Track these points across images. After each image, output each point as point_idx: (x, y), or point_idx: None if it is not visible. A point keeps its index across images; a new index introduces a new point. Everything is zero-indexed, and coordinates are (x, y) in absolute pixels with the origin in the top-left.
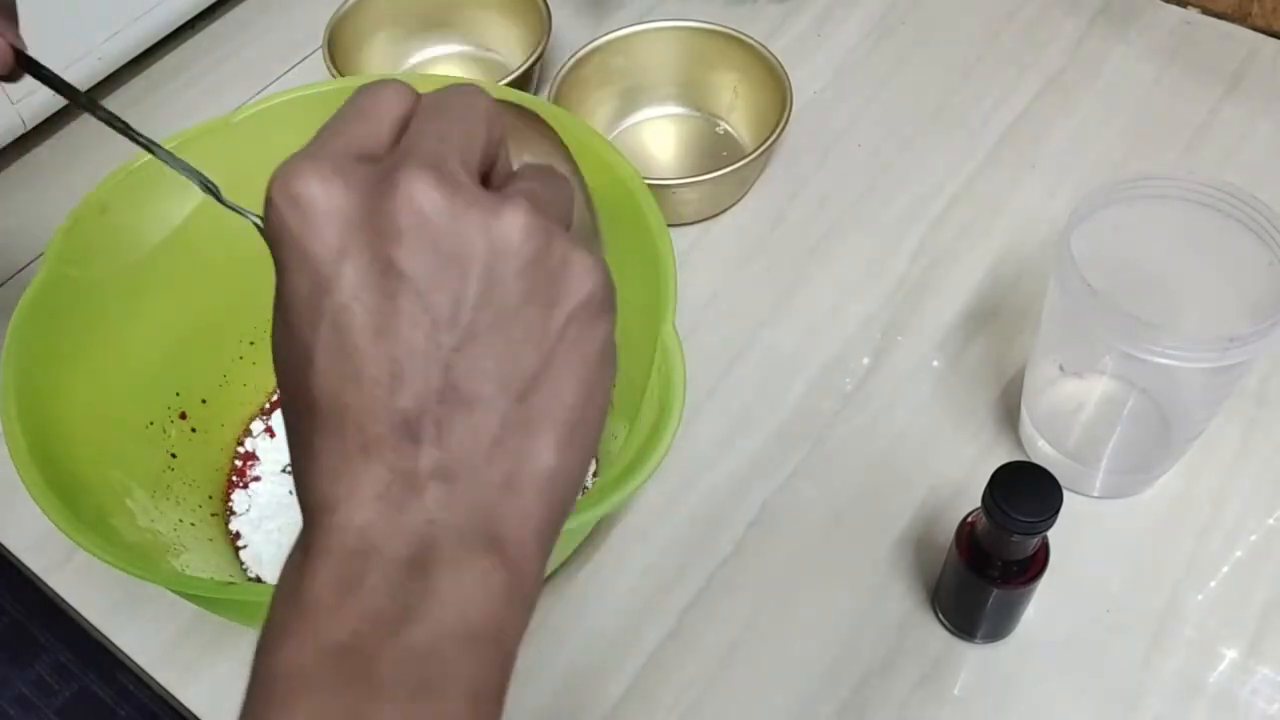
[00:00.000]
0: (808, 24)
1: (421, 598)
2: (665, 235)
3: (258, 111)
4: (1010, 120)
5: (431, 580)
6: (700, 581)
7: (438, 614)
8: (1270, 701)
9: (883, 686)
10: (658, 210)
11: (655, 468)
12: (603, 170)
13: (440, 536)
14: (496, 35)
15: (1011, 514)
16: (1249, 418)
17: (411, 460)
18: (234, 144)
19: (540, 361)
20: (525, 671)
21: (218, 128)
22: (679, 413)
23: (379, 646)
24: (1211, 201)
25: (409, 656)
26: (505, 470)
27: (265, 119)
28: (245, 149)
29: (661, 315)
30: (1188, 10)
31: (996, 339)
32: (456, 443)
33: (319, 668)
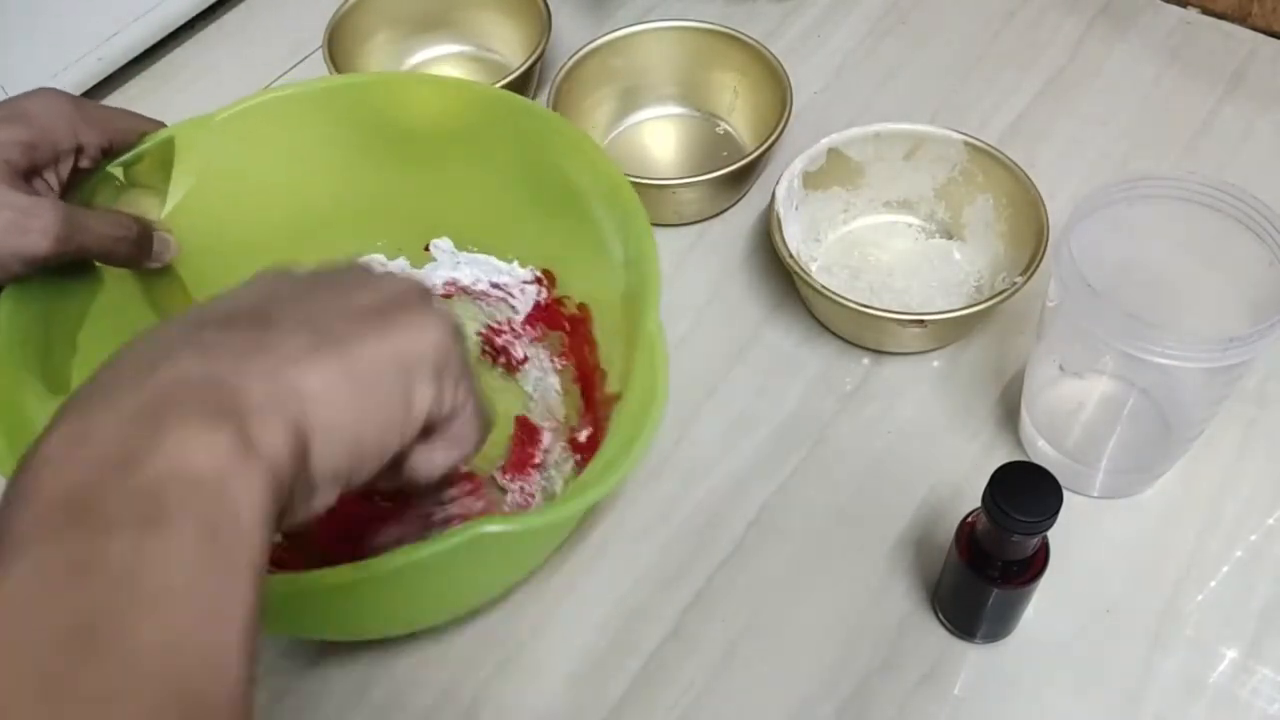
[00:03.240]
0: (808, 24)
1: (149, 443)
2: (648, 231)
3: (239, 111)
4: (1010, 120)
5: (156, 430)
6: (700, 581)
7: (160, 460)
8: (1270, 701)
9: (883, 686)
10: (640, 205)
11: (640, 457)
12: (588, 168)
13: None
14: (496, 35)
15: (1011, 514)
16: (1249, 418)
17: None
18: (214, 143)
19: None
20: (526, 671)
21: (198, 126)
22: (662, 404)
23: (105, 488)
24: (1211, 201)
25: (136, 492)
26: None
27: (247, 119)
28: (225, 149)
29: (645, 308)
30: (1188, 10)
31: (996, 339)
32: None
33: (47, 518)
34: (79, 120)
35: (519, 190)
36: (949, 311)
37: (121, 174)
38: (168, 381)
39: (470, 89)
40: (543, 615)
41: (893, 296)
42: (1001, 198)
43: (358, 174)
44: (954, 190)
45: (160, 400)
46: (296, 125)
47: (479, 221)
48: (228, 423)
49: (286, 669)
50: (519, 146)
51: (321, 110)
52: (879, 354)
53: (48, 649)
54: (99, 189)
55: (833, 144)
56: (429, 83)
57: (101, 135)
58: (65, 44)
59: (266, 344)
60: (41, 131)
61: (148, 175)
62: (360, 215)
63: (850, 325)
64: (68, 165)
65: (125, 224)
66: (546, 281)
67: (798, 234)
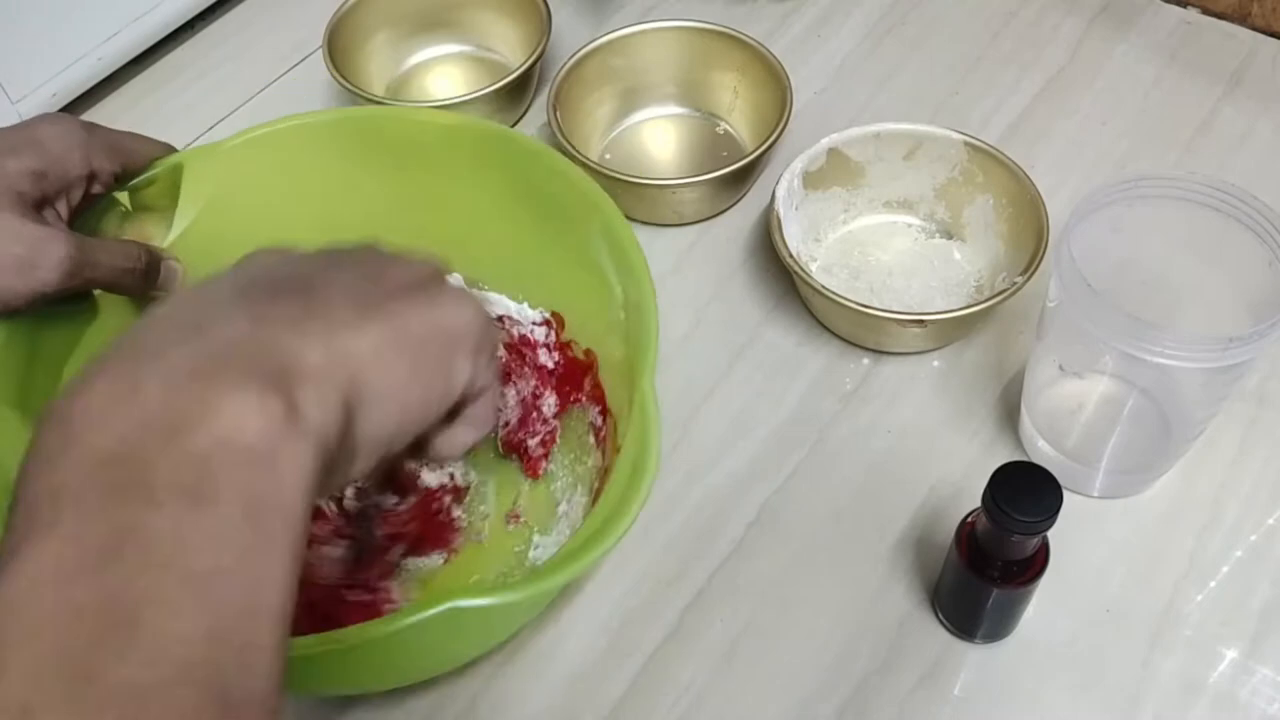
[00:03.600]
0: (808, 24)
1: (201, 408)
2: (650, 286)
3: (247, 140)
4: (1010, 120)
5: (204, 395)
6: (700, 581)
7: (207, 429)
8: (1270, 701)
9: (883, 686)
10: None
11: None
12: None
13: (228, 354)
14: (496, 35)
15: (1011, 514)
16: (1249, 418)
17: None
18: (221, 170)
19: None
20: (526, 671)
21: (206, 153)
22: (650, 477)
23: (152, 454)
24: (1211, 201)
25: (184, 462)
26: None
27: (255, 147)
28: (232, 176)
29: (640, 368)
30: (1188, 10)
31: (996, 339)
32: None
33: (87, 479)
34: (91, 147)
35: (525, 230)
36: (949, 311)
37: (128, 199)
38: (221, 342)
39: (473, 127)
40: (543, 615)
41: (893, 296)
42: (1001, 198)
43: (365, 203)
44: (954, 190)
45: (213, 362)
46: (304, 154)
47: (488, 259)
48: (280, 389)
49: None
50: (521, 185)
51: (329, 140)
52: (879, 354)
53: (79, 635)
54: (105, 214)
55: (833, 144)
56: (434, 119)
57: (113, 162)
58: (65, 44)
59: (316, 311)
60: (53, 160)
61: (154, 200)
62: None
63: (850, 325)
64: (79, 193)
65: (134, 255)
66: (556, 324)
67: (798, 234)
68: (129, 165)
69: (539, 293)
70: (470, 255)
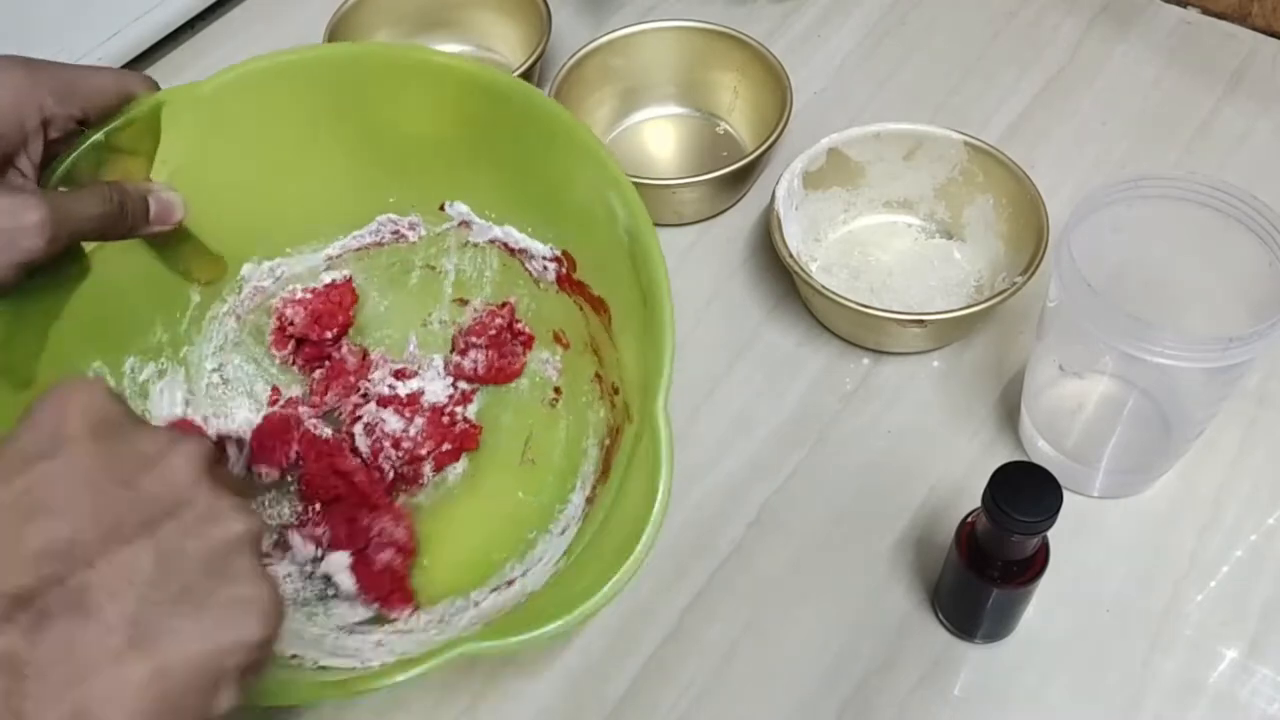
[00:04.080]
0: (808, 24)
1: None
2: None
3: (232, 78)
4: (1010, 120)
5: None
6: (700, 581)
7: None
8: (1270, 701)
9: (883, 686)
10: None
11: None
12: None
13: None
14: (496, 35)
15: (1011, 514)
16: (1249, 418)
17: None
18: (204, 108)
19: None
20: (526, 671)
21: (186, 92)
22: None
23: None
24: (1211, 201)
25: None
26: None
27: (238, 86)
28: (215, 114)
29: (654, 390)
30: (1188, 10)
31: (996, 339)
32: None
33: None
34: (42, 91)
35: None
36: (949, 311)
37: (105, 140)
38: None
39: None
40: None
41: (893, 296)
42: (1001, 198)
43: (358, 138)
44: (954, 190)
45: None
46: (287, 93)
47: (495, 192)
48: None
49: None
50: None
51: (313, 77)
52: (879, 354)
53: None
54: (81, 160)
55: (833, 144)
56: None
57: (73, 104)
58: (65, 44)
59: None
60: (3, 117)
61: (135, 142)
62: (361, 176)
63: (850, 325)
64: (38, 144)
65: (109, 196)
66: (567, 263)
67: (798, 234)
68: (89, 106)
69: (548, 231)
70: (474, 184)
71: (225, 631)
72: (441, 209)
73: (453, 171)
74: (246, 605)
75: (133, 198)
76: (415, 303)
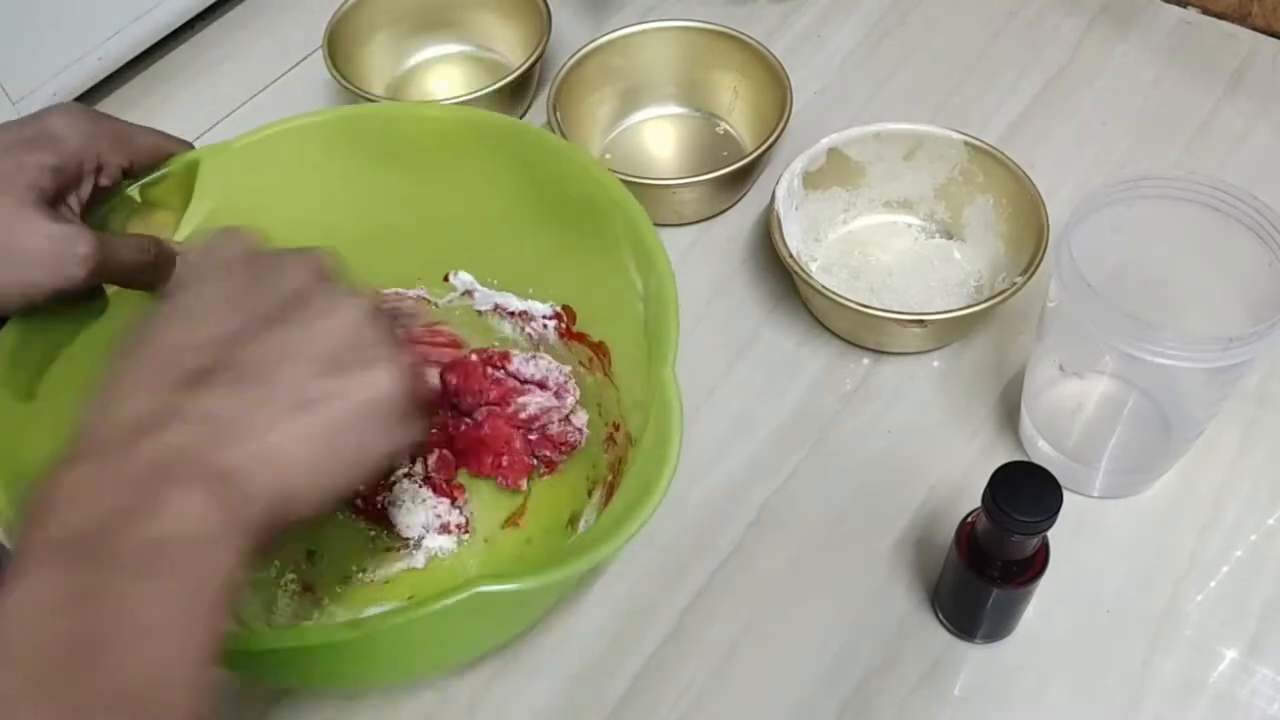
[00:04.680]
0: (808, 24)
1: (152, 505)
2: (669, 275)
3: (258, 139)
4: (1010, 120)
5: (164, 492)
6: (700, 581)
7: (165, 518)
8: (1270, 701)
9: (883, 686)
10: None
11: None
12: (612, 208)
13: (181, 462)
14: (496, 35)
15: (1011, 514)
16: (1249, 418)
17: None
18: (232, 169)
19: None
20: (526, 671)
21: (217, 151)
22: (673, 463)
23: (114, 533)
24: (1211, 201)
25: (139, 544)
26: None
27: (266, 146)
28: (243, 175)
29: (660, 357)
30: (1188, 10)
31: (996, 339)
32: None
33: (65, 545)
34: (102, 139)
35: (537, 224)
36: (949, 311)
37: (139, 194)
38: (170, 449)
39: (484, 120)
40: (543, 615)
41: (893, 296)
42: (1001, 198)
43: (375, 203)
44: (954, 190)
45: (158, 469)
46: (315, 153)
47: (498, 255)
48: (218, 492)
49: None
50: (535, 177)
51: (339, 139)
52: (879, 354)
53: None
54: (115, 209)
55: (833, 144)
56: (448, 115)
57: (123, 155)
58: (65, 44)
59: (246, 410)
60: (68, 154)
61: (165, 197)
62: (377, 243)
63: (850, 325)
64: (89, 186)
65: (146, 248)
66: (566, 317)
67: (798, 234)
68: (136, 159)
69: (551, 287)
70: (480, 250)
71: (365, 387)
72: (446, 279)
73: (461, 235)
74: (378, 363)
75: (165, 254)
76: None
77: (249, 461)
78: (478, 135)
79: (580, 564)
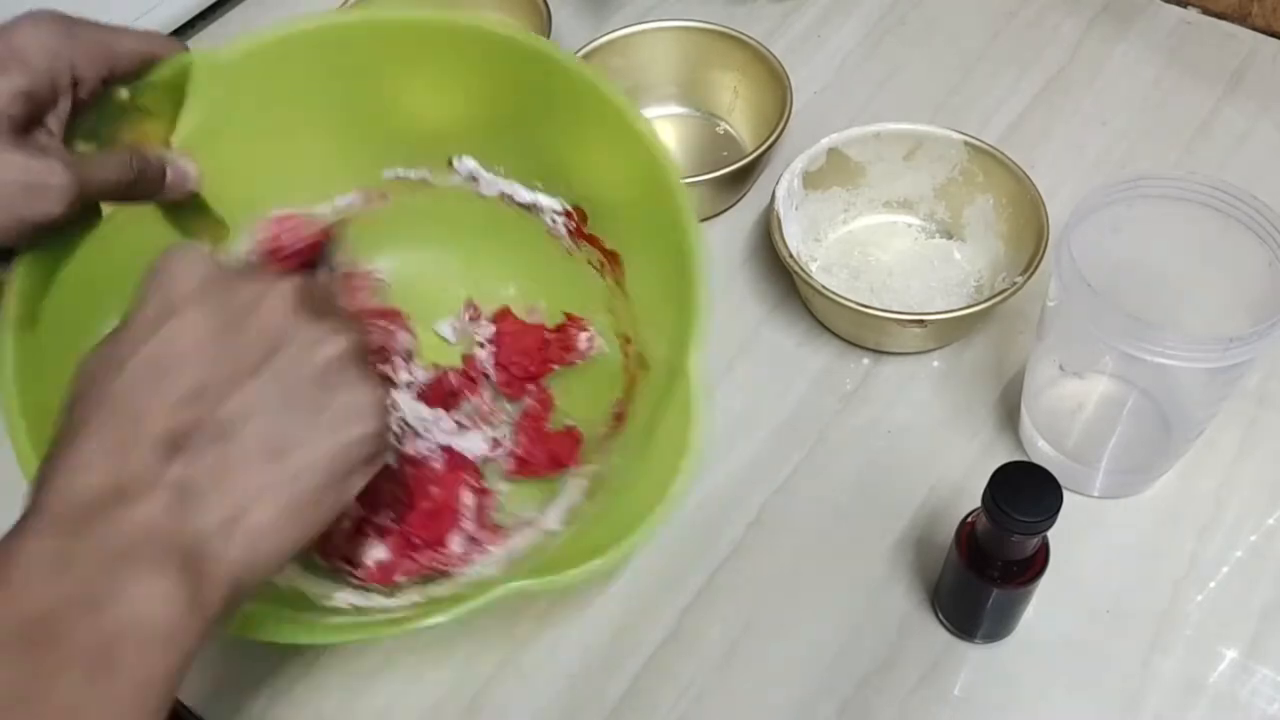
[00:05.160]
0: (808, 24)
1: (114, 590)
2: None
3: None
4: (1010, 120)
5: (128, 576)
6: (700, 581)
7: (125, 608)
8: (1270, 701)
9: (883, 686)
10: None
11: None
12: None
13: (148, 539)
14: None
15: (1011, 514)
16: (1249, 418)
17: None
18: (221, 80)
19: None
20: (526, 671)
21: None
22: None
23: (66, 626)
24: (1211, 201)
25: (91, 640)
26: (229, 512)
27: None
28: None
29: (685, 344)
30: (1188, 10)
31: (996, 339)
32: (203, 469)
33: (16, 631)
34: (77, 52)
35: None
36: (949, 311)
37: (127, 96)
38: (129, 528)
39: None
40: (543, 615)
41: (893, 296)
42: (1001, 198)
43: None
44: (954, 190)
45: (123, 549)
46: (309, 59)
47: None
48: (187, 575)
49: (284, 671)
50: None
51: (336, 45)
52: (879, 354)
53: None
54: (105, 116)
55: (833, 144)
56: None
57: (103, 66)
58: None
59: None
60: (39, 74)
61: (156, 103)
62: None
63: (850, 325)
64: (67, 102)
65: (129, 164)
66: (577, 216)
67: (798, 234)
68: (117, 68)
69: (560, 186)
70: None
71: (344, 431)
72: (450, 164)
73: (464, 131)
74: (358, 406)
75: (152, 165)
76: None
77: (219, 532)
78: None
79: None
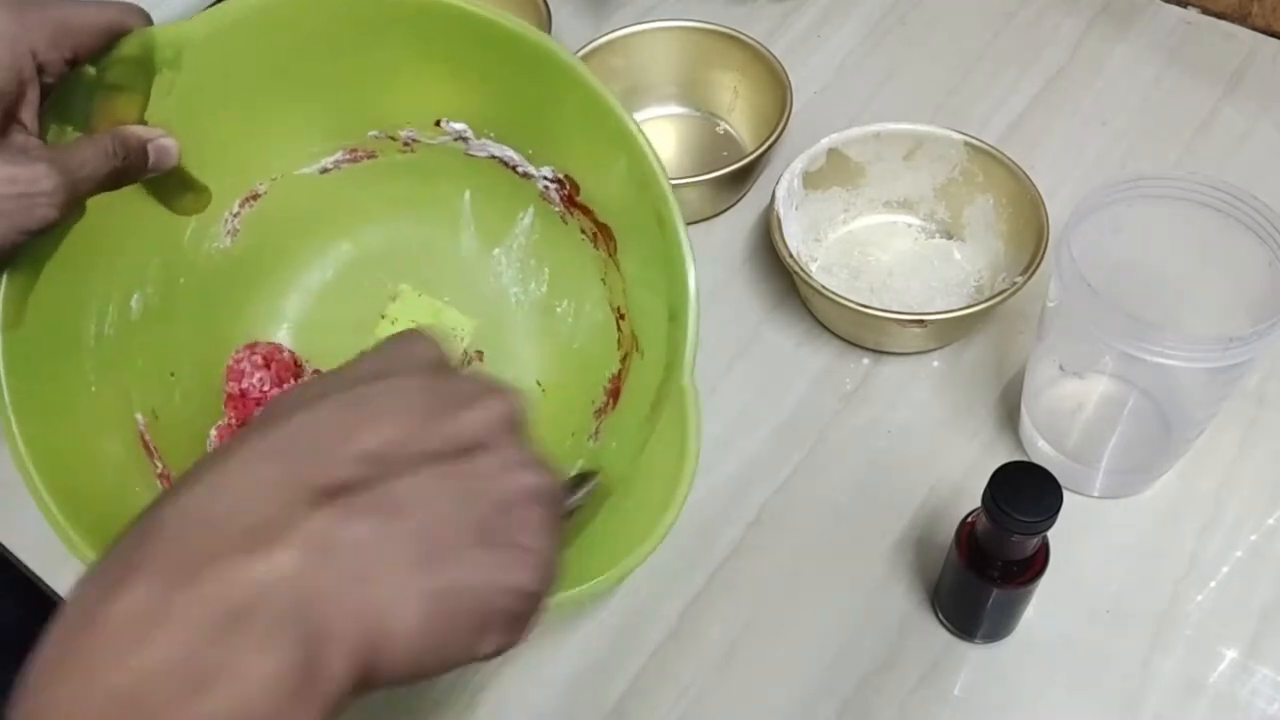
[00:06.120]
0: (808, 24)
1: (220, 667)
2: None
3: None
4: (1010, 120)
5: (235, 650)
6: (700, 581)
7: (229, 690)
8: (1270, 701)
9: (883, 686)
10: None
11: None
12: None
13: (271, 599)
14: None
15: (1011, 514)
16: (1249, 418)
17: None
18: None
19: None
20: (526, 671)
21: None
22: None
23: (165, 707)
24: (1211, 201)
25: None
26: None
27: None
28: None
29: (675, 360)
30: (1188, 10)
31: (996, 339)
32: (349, 535)
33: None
34: (33, 37)
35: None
36: (949, 311)
37: (96, 74)
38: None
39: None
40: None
41: (893, 296)
42: (1001, 198)
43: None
44: (954, 190)
45: (248, 607)
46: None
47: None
48: (307, 653)
49: None
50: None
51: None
52: (879, 354)
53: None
54: (74, 98)
55: (833, 144)
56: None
57: (65, 47)
58: None
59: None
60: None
61: (126, 78)
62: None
63: (850, 325)
64: (35, 92)
65: (112, 150)
66: (569, 185)
67: (798, 234)
68: (80, 47)
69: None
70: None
71: (505, 573)
72: (438, 124)
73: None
74: (529, 554)
75: (134, 150)
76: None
77: (351, 610)
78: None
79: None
